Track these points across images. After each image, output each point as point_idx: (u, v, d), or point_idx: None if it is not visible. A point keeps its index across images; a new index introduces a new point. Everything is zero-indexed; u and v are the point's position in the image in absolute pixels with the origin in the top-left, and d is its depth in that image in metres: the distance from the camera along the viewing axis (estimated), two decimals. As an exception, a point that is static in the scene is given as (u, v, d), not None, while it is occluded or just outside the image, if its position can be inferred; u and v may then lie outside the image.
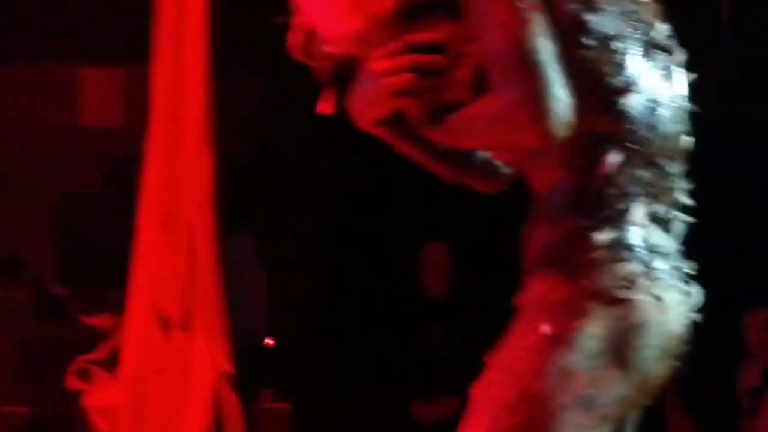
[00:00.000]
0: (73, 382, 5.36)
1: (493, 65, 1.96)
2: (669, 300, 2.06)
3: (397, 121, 2.13)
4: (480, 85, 2.01)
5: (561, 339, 1.99)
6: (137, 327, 5.18)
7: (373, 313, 6.27)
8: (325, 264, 6.48)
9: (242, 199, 6.01)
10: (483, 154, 2.25)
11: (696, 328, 2.17)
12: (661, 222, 2.08)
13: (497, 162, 2.25)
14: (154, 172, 5.25)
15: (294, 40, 2.18)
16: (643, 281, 2.02)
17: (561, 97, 1.93)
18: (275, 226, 6.50)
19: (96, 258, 5.97)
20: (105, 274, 5.63)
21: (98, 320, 5.63)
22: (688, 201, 2.12)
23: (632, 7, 2.08)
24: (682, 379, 5.24)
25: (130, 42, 5.88)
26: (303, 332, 6.28)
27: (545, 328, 2.00)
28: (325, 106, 2.17)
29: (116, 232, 5.42)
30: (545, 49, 1.94)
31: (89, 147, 6.72)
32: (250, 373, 5.40)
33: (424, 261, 6.27)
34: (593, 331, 2.00)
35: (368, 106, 2.12)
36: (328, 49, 2.13)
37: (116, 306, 5.40)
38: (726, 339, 5.31)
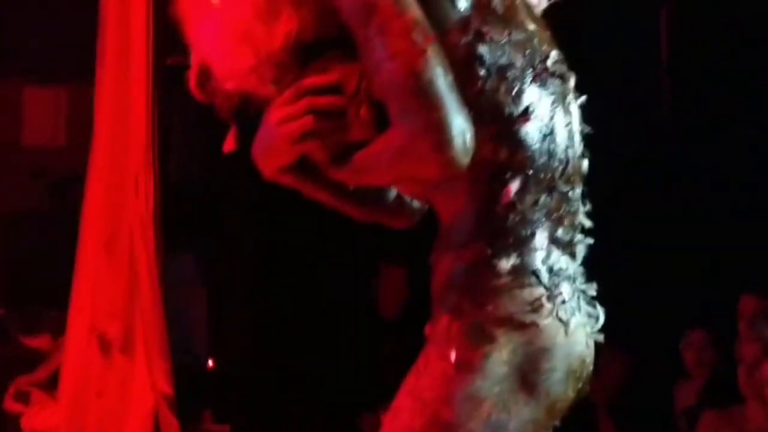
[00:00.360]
0: (11, 404, 5.33)
1: (392, 98, 1.96)
2: (574, 323, 2.07)
3: (302, 167, 2.12)
4: (382, 122, 2.01)
5: (468, 365, 2.00)
6: (77, 348, 5.15)
7: (322, 334, 6.26)
8: (271, 284, 6.46)
9: (186, 219, 5.99)
10: (391, 191, 2.26)
11: (634, 348, 2.19)
12: (564, 246, 2.10)
13: (406, 197, 2.26)
14: (97, 191, 5.23)
15: (192, 77, 2.17)
16: (548, 305, 2.04)
17: (461, 126, 1.94)
18: (219, 246, 6.48)
19: (36, 278, 5.94)
20: (45, 295, 5.61)
21: (38, 341, 5.60)
22: (588, 223, 2.15)
23: (524, 36, 2.10)
24: (617, 400, 5.28)
25: (74, 61, 5.87)
26: (245, 354, 6.25)
27: (453, 355, 2.01)
28: (228, 144, 2.17)
29: (57, 252, 5.40)
30: (443, 78, 1.95)
31: (31, 166, 6.69)
32: (191, 394, 5.38)
33: (381, 283, 6.28)
34: (500, 356, 2.00)
35: (272, 155, 2.11)
36: (224, 85, 2.13)
37: (56, 327, 5.38)
38: (662, 359, 5.34)
